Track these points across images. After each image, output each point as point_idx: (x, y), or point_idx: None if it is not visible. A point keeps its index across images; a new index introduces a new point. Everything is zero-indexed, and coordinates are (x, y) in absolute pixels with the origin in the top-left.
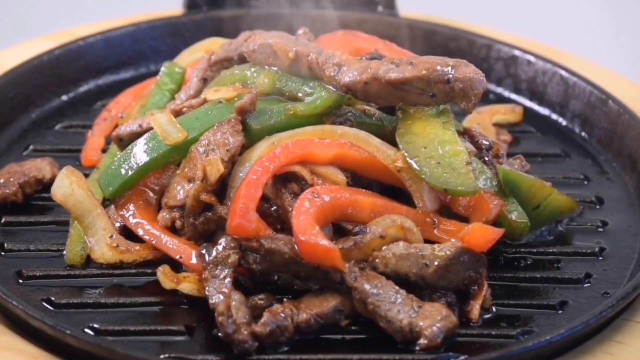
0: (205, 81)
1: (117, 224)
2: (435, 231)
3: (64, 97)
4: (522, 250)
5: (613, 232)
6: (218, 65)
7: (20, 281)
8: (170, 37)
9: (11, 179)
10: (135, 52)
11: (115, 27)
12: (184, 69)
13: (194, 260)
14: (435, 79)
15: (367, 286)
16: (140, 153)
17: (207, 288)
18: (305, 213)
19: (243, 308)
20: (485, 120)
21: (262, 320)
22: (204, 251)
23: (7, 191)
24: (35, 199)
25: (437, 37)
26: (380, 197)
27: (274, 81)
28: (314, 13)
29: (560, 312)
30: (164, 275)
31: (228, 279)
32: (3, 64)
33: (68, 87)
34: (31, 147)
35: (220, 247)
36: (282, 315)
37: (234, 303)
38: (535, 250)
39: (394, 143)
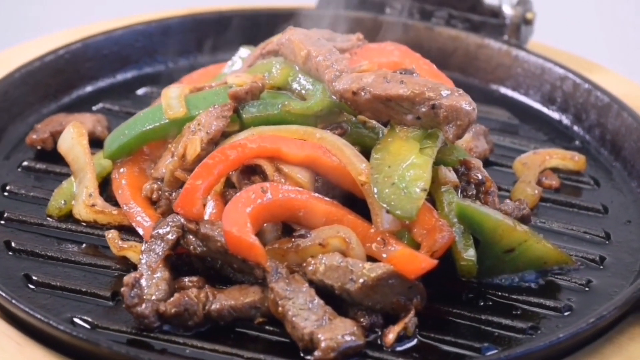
0: None
1: None
2: (381, 250)
3: (170, 65)
4: (490, 290)
5: (593, 292)
6: (270, 55)
7: (2, 222)
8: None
9: (46, 127)
10: (250, 35)
11: (237, 9)
12: None
13: (141, 232)
14: (420, 101)
15: (283, 288)
16: (142, 121)
17: (140, 259)
18: (241, 205)
19: (163, 285)
20: (536, 161)
21: (170, 300)
22: (159, 225)
23: (35, 137)
24: None
25: (546, 76)
26: (339, 206)
27: (287, 77)
28: (440, 29)
29: (484, 355)
30: (110, 241)
31: (160, 255)
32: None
33: (174, 57)
34: (101, 104)
35: (165, 224)
36: (194, 299)
37: (154, 280)
38: (500, 294)
39: None
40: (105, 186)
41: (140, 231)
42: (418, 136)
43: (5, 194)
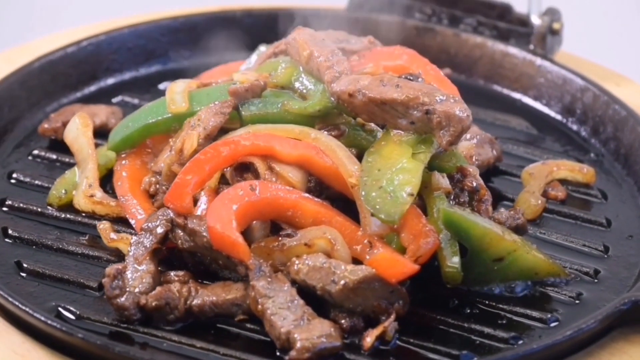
0: None
1: None
2: (366, 253)
3: (195, 61)
4: (478, 299)
5: (583, 305)
6: (282, 54)
7: (4, 209)
8: (318, 28)
9: (59, 117)
10: (279, 34)
11: (266, 7)
12: None
13: (134, 224)
14: (414, 106)
15: (264, 286)
16: (146, 114)
17: (129, 251)
18: (228, 201)
19: (147, 278)
20: (542, 171)
21: (152, 293)
22: (150, 219)
23: (47, 126)
24: None
25: (568, 86)
26: (328, 207)
27: (290, 76)
28: (466, 36)
29: None
30: (101, 232)
31: (148, 247)
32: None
33: (200, 53)
34: (121, 96)
35: (155, 217)
36: (176, 293)
37: (138, 273)
38: (487, 302)
39: None
40: (110, 178)
41: (133, 223)
42: (412, 141)
43: (12, 181)
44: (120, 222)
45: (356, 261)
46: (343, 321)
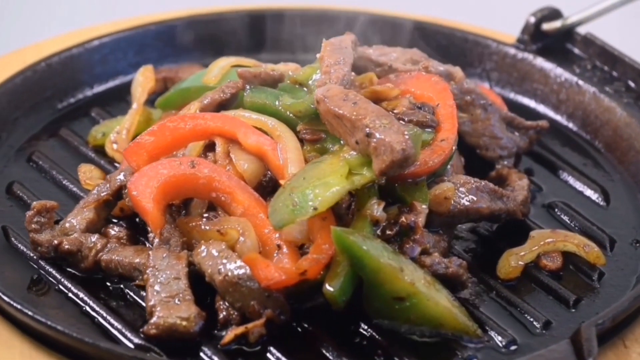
0: None
1: None
2: (275, 255)
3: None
4: (375, 331)
5: None
6: None
7: (54, 138)
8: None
9: (166, 71)
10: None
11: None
12: None
13: None
14: (359, 126)
15: (158, 257)
16: (190, 80)
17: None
18: (160, 168)
19: (82, 224)
20: (541, 238)
21: (69, 237)
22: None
23: None
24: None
25: None
26: (261, 203)
27: (309, 75)
28: (602, 97)
29: None
30: (80, 173)
31: (102, 196)
32: None
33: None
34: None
35: (121, 170)
36: (90, 244)
37: (77, 218)
38: (379, 338)
39: None
40: None
41: None
42: (355, 160)
43: (92, 116)
44: None
45: None
46: (220, 313)
